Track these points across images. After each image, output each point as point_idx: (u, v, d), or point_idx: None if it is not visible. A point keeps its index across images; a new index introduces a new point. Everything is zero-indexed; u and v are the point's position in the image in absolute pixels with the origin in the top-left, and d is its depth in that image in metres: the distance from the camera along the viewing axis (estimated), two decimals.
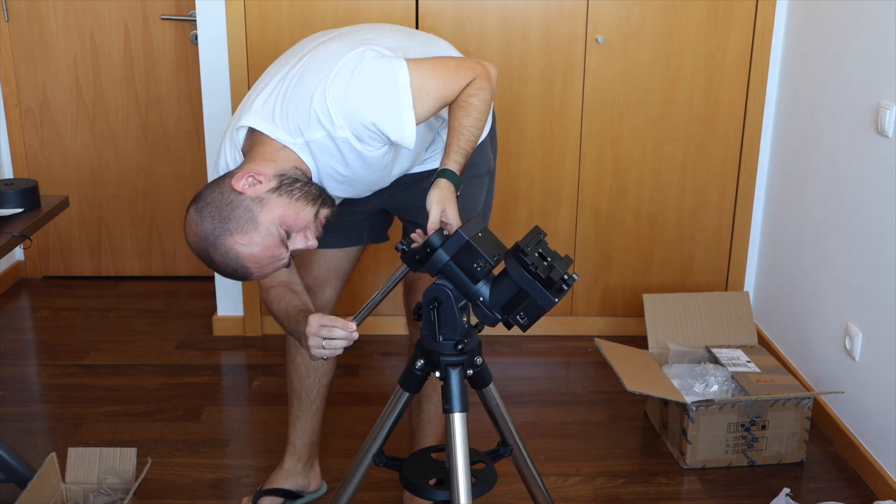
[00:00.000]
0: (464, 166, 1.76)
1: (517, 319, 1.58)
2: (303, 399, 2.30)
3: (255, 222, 1.64)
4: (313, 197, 1.70)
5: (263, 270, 1.69)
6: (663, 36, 3.10)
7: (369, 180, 1.85)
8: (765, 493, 2.46)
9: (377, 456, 1.80)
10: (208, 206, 1.66)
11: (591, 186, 3.26)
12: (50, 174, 3.80)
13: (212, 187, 1.70)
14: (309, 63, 1.72)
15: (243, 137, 1.77)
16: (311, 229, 1.70)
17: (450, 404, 1.66)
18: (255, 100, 1.76)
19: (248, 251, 1.65)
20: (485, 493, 1.75)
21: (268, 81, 1.78)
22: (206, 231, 1.65)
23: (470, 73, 1.80)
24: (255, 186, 1.66)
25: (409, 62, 1.73)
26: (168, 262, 3.95)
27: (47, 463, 2.14)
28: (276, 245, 1.66)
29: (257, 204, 1.65)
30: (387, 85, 1.69)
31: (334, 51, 1.73)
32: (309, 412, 2.31)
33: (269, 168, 1.69)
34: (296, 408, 2.32)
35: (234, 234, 1.64)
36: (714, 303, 2.99)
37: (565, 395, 3.00)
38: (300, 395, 2.30)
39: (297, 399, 2.30)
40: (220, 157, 1.83)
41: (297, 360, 2.26)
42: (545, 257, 1.58)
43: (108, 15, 3.63)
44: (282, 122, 1.71)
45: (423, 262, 1.61)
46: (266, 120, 1.72)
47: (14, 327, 3.51)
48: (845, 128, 2.65)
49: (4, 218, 2.21)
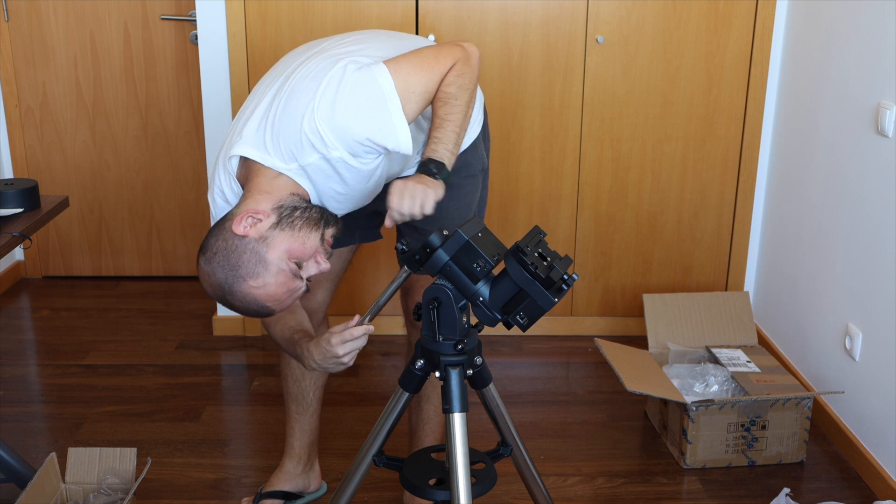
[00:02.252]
0: (451, 156, 1.75)
1: (517, 319, 1.58)
2: (300, 402, 2.30)
3: (264, 263, 1.65)
4: (315, 221, 1.70)
5: (283, 304, 1.70)
6: (663, 36, 3.10)
7: (368, 190, 1.85)
8: (765, 493, 2.45)
9: (377, 456, 1.81)
10: (216, 256, 1.67)
11: (591, 186, 3.26)
12: (50, 174, 3.80)
13: (215, 235, 1.70)
14: (294, 85, 1.71)
15: (237, 166, 1.77)
16: (321, 253, 1.71)
17: (450, 404, 1.66)
18: (246, 126, 1.74)
19: (265, 292, 1.66)
20: (485, 492, 1.75)
21: (256, 104, 1.77)
22: (220, 281, 1.67)
23: (449, 59, 1.79)
24: (256, 226, 1.67)
25: (389, 64, 1.72)
26: (168, 262, 3.95)
27: (47, 463, 2.14)
28: (290, 279, 1.67)
29: (262, 244, 1.65)
30: (373, 96, 1.69)
31: (316, 71, 1.71)
32: (307, 414, 2.32)
33: (266, 202, 1.69)
34: (293, 410, 2.32)
35: (247, 280, 1.65)
36: (714, 303, 2.99)
37: (565, 395, 3.00)
38: (297, 398, 2.30)
39: (295, 402, 2.31)
40: (213, 183, 1.83)
41: (292, 363, 2.25)
42: (545, 257, 1.58)
43: (108, 15, 3.63)
44: (274, 150, 1.70)
45: (422, 262, 1.61)
46: (258, 148, 1.71)
47: (14, 327, 3.51)
48: (845, 128, 2.65)
49: (4, 218, 2.22)
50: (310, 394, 2.29)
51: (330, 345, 1.67)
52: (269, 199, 1.70)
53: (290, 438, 2.35)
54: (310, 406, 2.31)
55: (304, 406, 2.30)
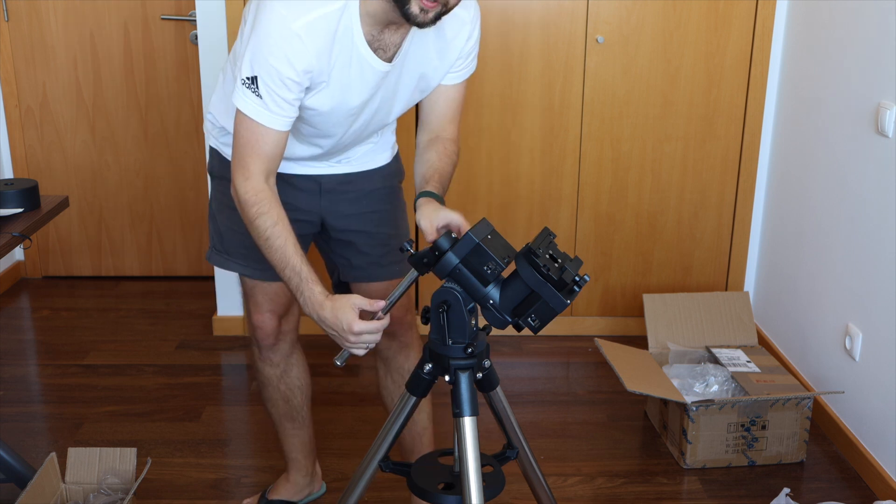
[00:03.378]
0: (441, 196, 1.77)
1: (528, 322, 1.56)
2: (295, 419, 2.27)
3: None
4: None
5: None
6: (663, 36, 3.10)
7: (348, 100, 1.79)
8: (765, 493, 2.46)
9: (383, 461, 1.78)
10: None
11: (591, 186, 3.26)
12: (50, 174, 3.80)
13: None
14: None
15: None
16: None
17: (460, 408, 1.64)
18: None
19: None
20: (494, 496, 1.73)
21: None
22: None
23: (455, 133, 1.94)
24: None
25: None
26: (168, 262, 3.95)
27: (47, 463, 2.14)
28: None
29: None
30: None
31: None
32: (304, 428, 2.29)
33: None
34: (288, 429, 2.28)
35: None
36: (714, 303, 2.99)
37: (565, 395, 3.00)
38: (291, 417, 2.26)
39: (290, 420, 2.27)
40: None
41: (279, 387, 2.21)
42: (556, 259, 1.57)
43: (108, 15, 3.63)
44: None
45: (431, 265, 1.60)
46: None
47: (14, 327, 3.51)
48: (845, 128, 2.65)
49: (4, 218, 2.22)
50: (303, 409, 2.26)
51: (351, 328, 1.62)
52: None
53: (292, 454, 2.33)
54: (304, 420, 2.28)
55: (300, 422, 2.28)
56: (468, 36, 1.81)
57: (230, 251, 2.05)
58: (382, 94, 1.81)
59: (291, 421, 2.27)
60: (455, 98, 1.89)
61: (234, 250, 2.04)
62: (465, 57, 1.84)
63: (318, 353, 3.25)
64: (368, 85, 1.76)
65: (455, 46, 1.81)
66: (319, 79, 1.69)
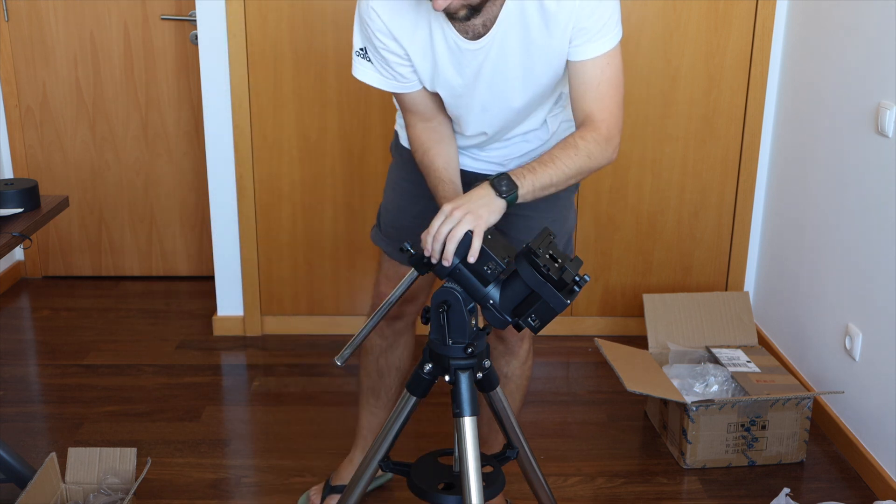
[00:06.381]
0: (531, 192, 1.65)
1: (528, 322, 1.56)
2: (380, 396, 2.28)
3: None
4: None
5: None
6: (663, 36, 3.10)
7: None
8: (765, 493, 2.46)
9: (383, 461, 1.79)
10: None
11: (590, 186, 3.26)
12: (50, 174, 3.80)
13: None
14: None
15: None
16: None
17: (460, 408, 1.64)
18: None
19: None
20: (494, 496, 1.74)
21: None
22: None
23: (615, 123, 1.79)
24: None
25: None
26: (168, 262, 3.95)
27: (47, 463, 2.14)
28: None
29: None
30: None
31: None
32: (384, 409, 2.30)
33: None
34: (371, 404, 2.30)
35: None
36: (714, 303, 2.99)
37: (565, 395, 3.00)
38: (378, 393, 2.28)
39: (375, 396, 2.28)
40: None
41: (379, 360, 2.24)
42: (556, 259, 1.57)
43: (108, 15, 3.63)
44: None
45: (431, 265, 1.60)
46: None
47: (14, 327, 3.51)
48: (845, 128, 2.65)
49: (4, 218, 2.21)
50: (391, 391, 2.27)
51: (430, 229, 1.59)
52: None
53: (363, 431, 2.33)
54: (388, 402, 2.28)
55: (383, 402, 2.28)
56: (572, 7, 1.66)
57: (383, 229, 2.15)
58: (488, 74, 1.76)
59: (376, 398, 2.28)
60: (586, 76, 1.73)
61: (386, 229, 2.14)
62: (581, 30, 1.68)
63: (319, 354, 3.26)
64: (460, 63, 1.75)
65: (559, 20, 1.67)
66: (406, 44, 1.75)
